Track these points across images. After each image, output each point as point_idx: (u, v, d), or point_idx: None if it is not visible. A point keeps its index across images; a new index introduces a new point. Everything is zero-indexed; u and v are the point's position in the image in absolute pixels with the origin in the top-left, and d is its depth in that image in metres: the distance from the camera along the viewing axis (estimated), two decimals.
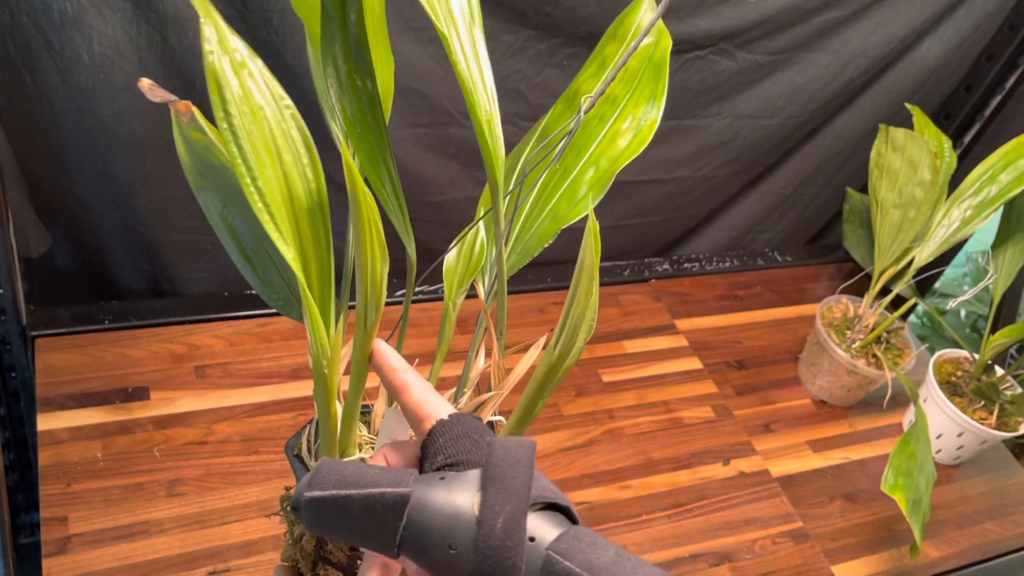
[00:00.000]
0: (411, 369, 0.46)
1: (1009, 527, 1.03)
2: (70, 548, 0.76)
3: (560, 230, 0.59)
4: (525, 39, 1.00)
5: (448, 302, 0.59)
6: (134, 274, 1.05)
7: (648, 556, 0.88)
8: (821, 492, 1.01)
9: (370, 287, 0.43)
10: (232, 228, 0.50)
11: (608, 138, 0.60)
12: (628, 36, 0.63)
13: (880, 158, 1.07)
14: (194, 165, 0.48)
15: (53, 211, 0.97)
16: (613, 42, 0.64)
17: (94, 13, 0.82)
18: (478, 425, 0.43)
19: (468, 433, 0.42)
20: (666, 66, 0.60)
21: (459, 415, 0.43)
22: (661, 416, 1.04)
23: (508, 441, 0.40)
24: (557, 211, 0.60)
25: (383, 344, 0.48)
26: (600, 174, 0.59)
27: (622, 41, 0.63)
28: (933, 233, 1.05)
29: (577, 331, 0.46)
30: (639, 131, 0.59)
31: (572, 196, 0.60)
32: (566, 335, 0.46)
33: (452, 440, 0.42)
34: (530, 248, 0.60)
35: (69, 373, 0.90)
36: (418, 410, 0.44)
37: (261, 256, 0.52)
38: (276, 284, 0.53)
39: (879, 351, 1.08)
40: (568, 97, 0.63)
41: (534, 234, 0.60)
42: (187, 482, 0.83)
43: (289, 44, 0.89)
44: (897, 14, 1.14)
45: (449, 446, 0.42)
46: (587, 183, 0.59)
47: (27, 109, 0.86)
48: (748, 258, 1.32)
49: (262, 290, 0.53)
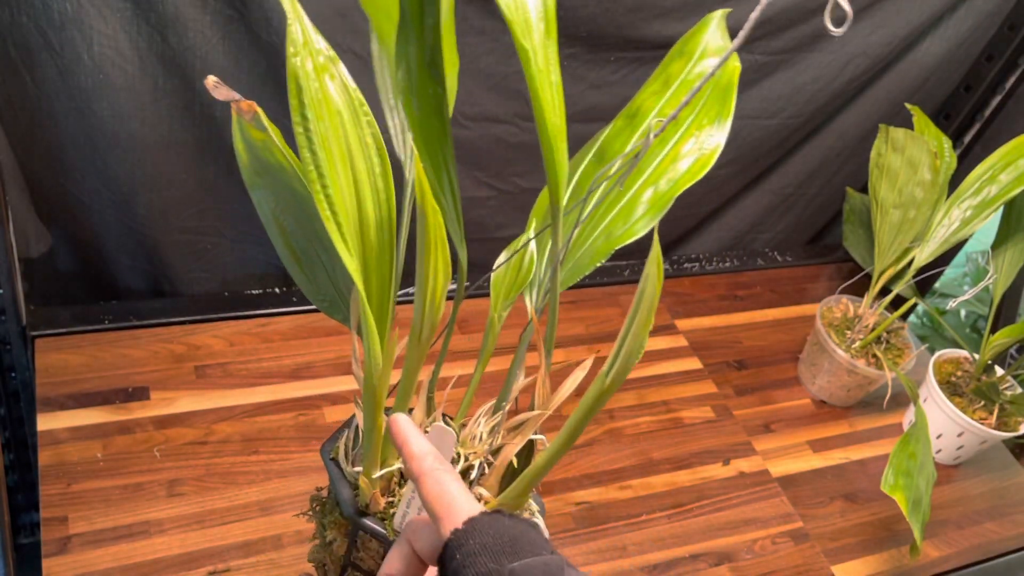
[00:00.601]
0: (431, 453, 0.44)
1: (1009, 527, 1.03)
2: (70, 548, 0.76)
3: (613, 250, 0.58)
4: None
5: (493, 313, 0.58)
6: (134, 274, 1.05)
7: (648, 556, 0.88)
8: (821, 492, 1.01)
9: (429, 302, 0.43)
10: (283, 226, 0.50)
11: (669, 158, 0.59)
12: (695, 55, 0.62)
13: (880, 158, 1.07)
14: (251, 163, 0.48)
15: (53, 211, 0.97)
16: (679, 60, 0.63)
17: (94, 13, 0.82)
18: (498, 532, 0.40)
19: (487, 547, 0.39)
20: (733, 90, 0.59)
21: (475, 521, 0.40)
22: (661, 416, 1.04)
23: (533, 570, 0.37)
24: (612, 230, 0.59)
25: (403, 420, 0.45)
26: (658, 196, 0.58)
27: (688, 60, 0.62)
28: (933, 233, 1.05)
29: (631, 360, 0.45)
30: (702, 154, 0.58)
31: (628, 216, 0.59)
32: (620, 364, 0.45)
33: (470, 558, 0.39)
34: (581, 266, 0.59)
35: (69, 373, 0.90)
36: (435, 506, 0.42)
37: (310, 256, 0.52)
38: (323, 284, 0.53)
39: (879, 351, 1.07)
40: (629, 113, 0.62)
41: (587, 252, 0.59)
42: (187, 482, 0.83)
43: None
44: (897, 14, 1.14)
45: (468, 566, 0.39)
46: (645, 203, 0.58)
47: (27, 109, 0.86)
48: (748, 258, 1.32)
49: (307, 288, 0.53)
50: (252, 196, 0.48)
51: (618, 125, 0.62)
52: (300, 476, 0.86)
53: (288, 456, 0.88)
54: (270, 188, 0.49)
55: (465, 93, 1.00)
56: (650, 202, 0.59)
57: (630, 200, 0.59)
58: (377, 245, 0.42)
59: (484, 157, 1.10)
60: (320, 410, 0.93)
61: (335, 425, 0.92)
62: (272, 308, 1.02)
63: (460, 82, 0.53)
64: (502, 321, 0.58)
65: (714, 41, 0.63)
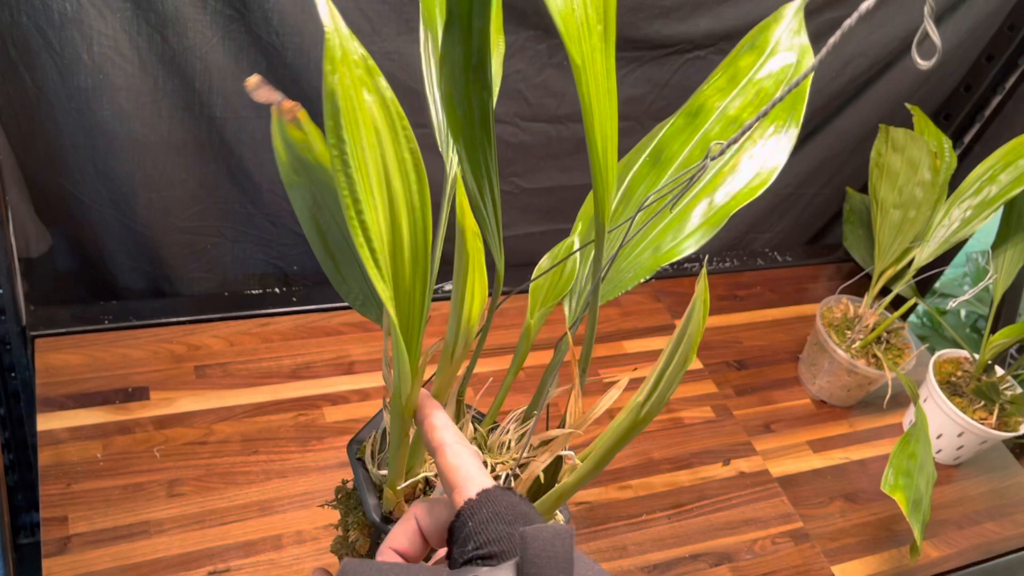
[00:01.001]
0: (451, 428, 0.44)
1: (1009, 527, 1.03)
2: (70, 548, 0.76)
3: (659, 267, 0.54)
4: (525, 39, 1.00)
5: (530, 320, 0.56)
6: (134, 274, 1.05)
7: (648, 556, 0.88)
8: (821, 492, 1.01)
9: (464, 323, 0.42)
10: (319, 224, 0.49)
11: (728, 168, 0.54)
12: (766, 50, 0.57)
13: (880, 158, 1.07)
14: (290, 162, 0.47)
15: (53, 211, 0.97)
16: (750, 54, 0.58)
17: (94, 13, 0.82)
18: (511, 503, 0.40)
19: (500, 515, 0.39)
20: (804, 95, 0.55)
21: (489, 492, 0.41)
22: (661, 416, 1.04)
23: (543, 532, 0.37)
24: (659, 244, 0.55)
25: (430, 398, 0.46)
26: (712, 211, 0.53)
27: (759, 55, 0.57)
28: (933, 233, 1.05)
29: (668, 393, 0.43)
30: (763, 168, 0.54)
31: (678, 230, 0.54)
32: (657, 396, 0.44)
33: (482, 524, 0.39)
34: (623, 281, 0.55)
35: (69, 373, 0.90)
36: (451, 476, 0.42)
37: (344, 254, 0.50)
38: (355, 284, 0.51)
39: (879, 351, 1.07)
40: (690, 111, 0.57)
41: (630, 265, 0.55)
42: (187, 482, 0.83)
43: (290, 44, 0.89)
44: (897, 14, 1.14)
45: (480, 532, 0.39)
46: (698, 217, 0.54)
47: (27, 109, 0.86)
48: (748, 258, 1.32)
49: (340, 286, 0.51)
50: (289, 194, 0.47)
51: (678, 124, 0.58)
52: (300, 476, 0.86)
53: (288, 456, 0.88)
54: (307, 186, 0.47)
55: None
56: (703, 217, 0.54)
57: (683, 212, 0.55)
58: (411, 267, 0.40)
59: None
60: (320, 410, 0.93)
61: (335, 425, 0.92)
62: (272, 308, 1.02)
63: None
64: (538, 329, 0.56)
65: (787, 37, 0.57)
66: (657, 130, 0.59)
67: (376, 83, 0.38)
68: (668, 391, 0.44)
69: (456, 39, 0.41)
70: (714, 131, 0.56)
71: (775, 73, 0.56)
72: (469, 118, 0.44)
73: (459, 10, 0.40)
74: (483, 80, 0.43)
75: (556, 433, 0.52)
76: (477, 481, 0.41)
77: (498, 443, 0.55)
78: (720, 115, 0.57)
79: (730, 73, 0.57)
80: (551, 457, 0.51)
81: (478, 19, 0.41)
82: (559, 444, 0.51)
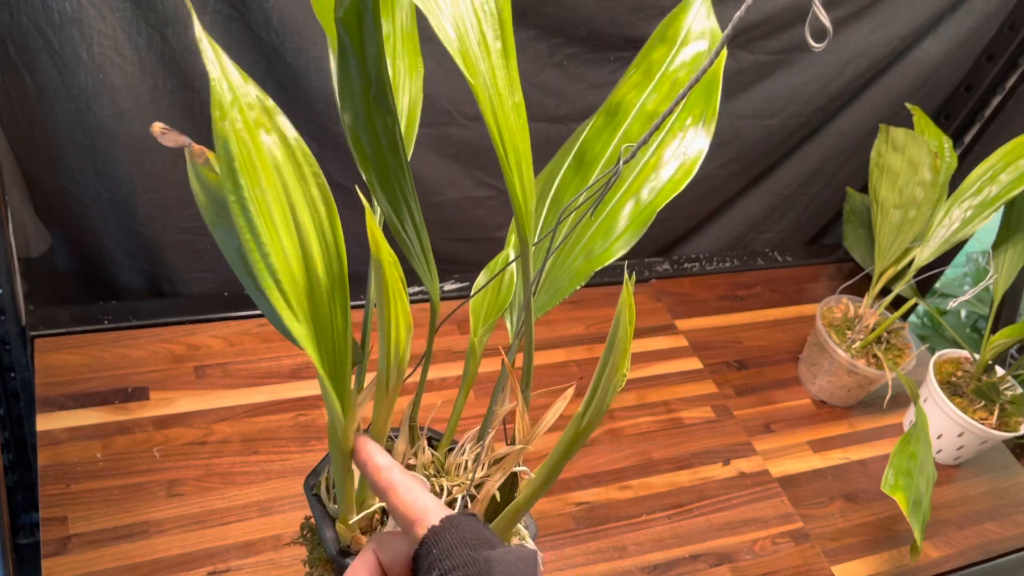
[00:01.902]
0: (397, 467, 0.44)
1: (1010, 527, 1.03)
2: (70, 548, 0.76)
3: (593, 272, 0.54)
4: (525, 39, 1.00)
5: (473, 339, 0.56)
6: (134, 274, 1.05)
7: (648, 556, 0.88)
8: (821, 492, 1.01)
9: (393, 353, 0.42)
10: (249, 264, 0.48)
11: (651, 165, 0.54)
12: (677, 40, 0.57)
13: (880, 158, 1.07)
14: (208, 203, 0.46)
15: (53, 211, 0.97)
16: (661, 46, 0.57)
17: (94, 13, 0.82)
18: (474, 528, 0.40)
19: (465, 541, 0.39)
20: (718, 84, 0.54)
21: (451, 518, 0.41)
22: (661, 416, 1.04)
23: (508, 555, 0.38)
24: (591, 248, 0.55)
25: (367, 440, 0.45)
26: (639, 210, 0.53)
27: (671, 45, 0.57)
28: (933, 233, 1.05)
29: (606, 400, 0.44)
30: (684, 161, 0.53)
31: (608, 233, 0.54)
32: (595, 406, 0.44)
33: (447, 551, 0.39)
34: (561, 289, 0.55)
35: (69, 373, 0.90)
36: (408, 512, 0.42)
37: None
38: None
39: (879, 351, 1.07)
40: (609, 110, 0.57)
41: (565, 273, 0.55)
42: (187, 482, 0.83)
43: (289, 44, 0.89)
44: (897, 14, 1.14)
45: (445, 558, 0.39)
46: (625, 218, 0.54)
47: (27, 109, 0.86)
48: (748, 258, 1.32)
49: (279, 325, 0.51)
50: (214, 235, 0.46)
51: (598, 124, 0.57)
52: (300, 476, 0.86)
53: (288, 456, 0.88)
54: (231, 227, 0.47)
55: (465, 93, 1.00)
56: (631, 217, 0.54)
57: (610, 213, 0.55)
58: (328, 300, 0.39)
59: (484, 157, 1.10)
60: (320, 410, 0.93)
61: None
62: None
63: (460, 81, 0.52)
64: (483, 345, 0.56)
65: (698, 23, 0.56)
66: (579, 132, 0.58)
67: (276, 123, 0.37)
68: (605, 400, 0.44)
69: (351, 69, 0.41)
70: (634, 128, 0.56)
71: (688, 63, 0.56)
72: (376, 145, 0.43)
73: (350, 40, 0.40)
74: (385, 107, 0.42)
75: (506, 451, 0.52)
76: (435, 511, 0.41)
77: (455, 464, 0.55)
78: (638, 111, 0.56)
79: (644, 67, 0.57)
80: (504, 476, 0.51)
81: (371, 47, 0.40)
82: (510, 462, 0.50)
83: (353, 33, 0.40)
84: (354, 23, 0.40)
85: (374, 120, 0.43)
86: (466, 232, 1.17)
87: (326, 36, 0.47)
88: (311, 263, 0.39)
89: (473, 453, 0.55)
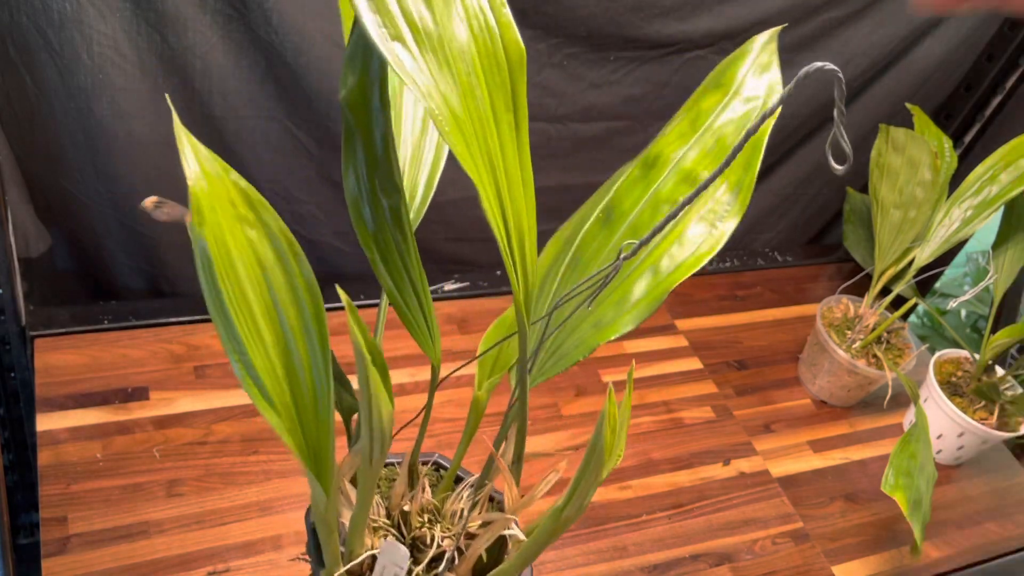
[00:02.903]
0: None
1: (1010, 527, 1.03)
2: (70, 548, 0.76)
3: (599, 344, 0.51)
4: (525, 38, 0.99)
5: (477, 392, 0.54)
6: (134, 274, 1.05)
7: (648, 556, 0.88)
8: (821, 492, 1.01)
9: (376, 430, 0.41)
10: None
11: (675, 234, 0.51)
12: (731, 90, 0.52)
13: (880, 158, 1.07)
14: None
15: (53, 211, 0.97)
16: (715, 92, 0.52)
17: (94, 13, 0.82)
18: None
19: None
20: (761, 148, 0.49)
21: None
22: (661, 416, 1.04)
23: None
24: (601, 318, 0.52)
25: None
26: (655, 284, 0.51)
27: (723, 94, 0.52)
28: (933, 233, 1.05)
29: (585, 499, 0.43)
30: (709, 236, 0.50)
31: (621, 304, 0.51)
32: (574, 503, 0.43)
33: None
34: (567, 357, 0.52)
35: (69, 373, 0.90)
36: None
37: None
38: None
39: (879, 351, 1.07)
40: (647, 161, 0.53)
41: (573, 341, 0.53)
42: (186, 482, 0.83)
43: (289, 43, 0.89)
44: (897, 14, 1.14)
45: None
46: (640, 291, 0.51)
47: (27, 109, 0.86)
48: (748, 258, 1.32)
49: None
50: None
51: (633, 175, 0.53)
52: (300, 476, 0.86)
53: (288, 456, 0.88)
54: None
55: None
56: (646, 290, 0.51)
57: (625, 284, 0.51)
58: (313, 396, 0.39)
59: None
60: None
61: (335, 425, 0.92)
62: None
63: None
64: (487, 399, 0.55)
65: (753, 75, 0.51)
66: (613, 181, 0.55)
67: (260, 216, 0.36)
68: (585, 498, 0.43)
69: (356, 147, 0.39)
70: (666, 187, 0.52)
71: (736, 119, 0.51)
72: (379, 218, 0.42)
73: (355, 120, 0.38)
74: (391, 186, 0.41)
75: (494, 516, 0.52)
76: None
77: (451, 511, 0.55)
78: (675, 168, 0.52)
79: (692, 115, 0.53)
80: (491, 539, 0.51)
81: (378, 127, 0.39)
82: (497, 528, 0.51)
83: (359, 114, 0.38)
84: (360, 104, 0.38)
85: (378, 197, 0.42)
86: (467, 232, 1.17)
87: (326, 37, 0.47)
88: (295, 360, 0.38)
89: (470, 502, 0.55)
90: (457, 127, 0.34)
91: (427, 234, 1.13)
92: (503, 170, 0.37)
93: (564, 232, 0.55)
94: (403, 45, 0.32)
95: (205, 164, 0.34)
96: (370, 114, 0.39)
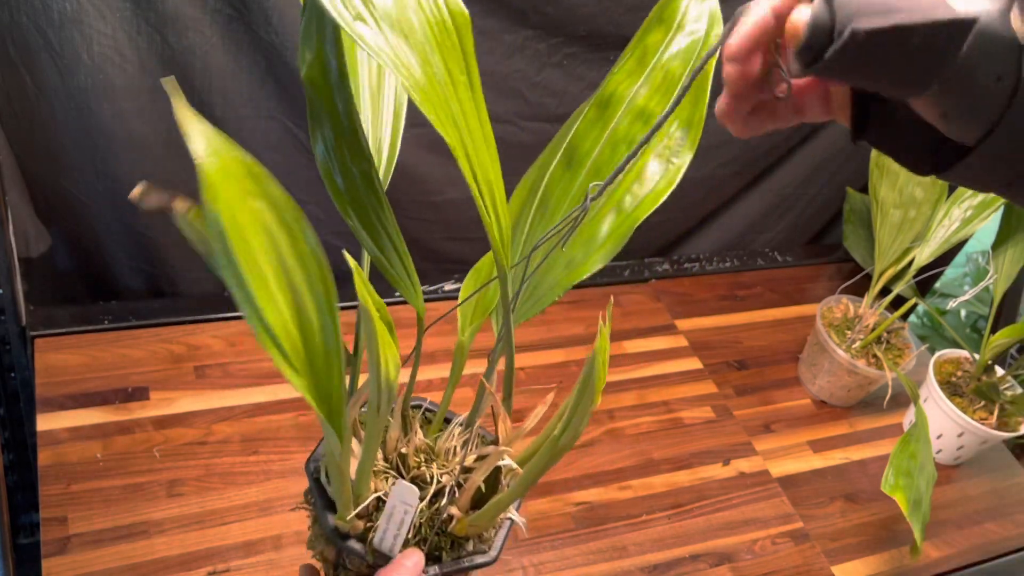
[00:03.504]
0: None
1: (1009, 527, 1.03)
2: (70, 548, 0.76)
3: (572, 284, 0.53)
4: (525, 38, 1.00)
5: (461, 337, 0.57)
6: (134, 274, 1.05)
7: (648, 556, 0.88)
8: (821, 492, 1.01)
9: (384, 383, 0.43)
10: None
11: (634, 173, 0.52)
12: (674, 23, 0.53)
13: (880, 158, 1.07)
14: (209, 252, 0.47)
15: (53, 211, 0.97)
16: (658, 29, 0.53)
17: (94, 13, 0.82)
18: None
19: None
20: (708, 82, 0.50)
21: None
22: (661, 416, 1.04)
23: None
24: (573, 258, 0.54)
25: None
26: (620, 222, 0.52)
27: (668, 27, 0.53)
28: (933, 233, 1.05)
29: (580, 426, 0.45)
30: (667, 172, 0.52)
31: (589, 243, 0.53)
32: (570, 431, 0.45)
33: None
34: (542, 299, 0.54)
35: (69, 373, 0.90)
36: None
37: None
38: None
39: (879, 351, 1.07)
40: (601, 101, 0.55)
41: (548, 283, 0.55)
42: (187, 482, 0.83)
43: (289, 43, 0.89)
44: None
45: None
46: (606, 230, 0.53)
47: (27, 109, 0.86)
48: (748, 258, 1.32)
49: None
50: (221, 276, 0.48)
51: (589, 116, 0.55)
52: (300, 476, 0.86)
53: (288, 456, 0.88)
54: None
55: None
56: (611, 228, 0.52)
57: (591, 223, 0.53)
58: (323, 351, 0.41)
59: None
60: None
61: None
62: None
63: None
64: (470, 343, 0.57)
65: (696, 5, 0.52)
66: (571, 123, 0.56)
67: (265, 189, 0.38)
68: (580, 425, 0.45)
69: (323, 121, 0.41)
70: (623, 125, 0.54)
71: (682, 52, 0.52)
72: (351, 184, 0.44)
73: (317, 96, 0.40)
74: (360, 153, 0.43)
75: (489, 450, 0.53)
76: None
77: (444, 449, 0.56)
78: (628, 106, 0.54)
79: (640, 52, 0.54)
80: (487, 471, 0.52)
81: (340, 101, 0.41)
82: (492, 460, 0.52)
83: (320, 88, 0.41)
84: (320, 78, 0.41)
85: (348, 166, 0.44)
86: (466, 232, 1.17)
87: None
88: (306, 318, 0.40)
89: (462, 439, 0.56)
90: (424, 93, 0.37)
91: (427, 234, 1.13)
92: (466, 128, 0.40)
93: (529, 177, 0.57)
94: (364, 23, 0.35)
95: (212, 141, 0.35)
96: (331, 87, 0.41)
